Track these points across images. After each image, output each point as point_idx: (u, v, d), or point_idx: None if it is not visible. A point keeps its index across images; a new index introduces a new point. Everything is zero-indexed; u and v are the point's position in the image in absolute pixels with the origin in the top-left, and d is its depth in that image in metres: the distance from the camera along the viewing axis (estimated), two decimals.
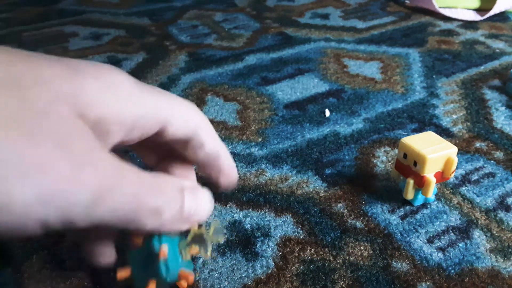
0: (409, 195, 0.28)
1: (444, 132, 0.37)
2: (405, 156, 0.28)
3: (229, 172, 0.23)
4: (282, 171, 0.33)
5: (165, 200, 0.18)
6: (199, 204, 0.20)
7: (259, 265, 0.26)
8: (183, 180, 0.20)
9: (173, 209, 0.18)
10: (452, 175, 0.28)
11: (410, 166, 0.27)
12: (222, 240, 0.21)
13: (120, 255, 0.21)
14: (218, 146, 0.23)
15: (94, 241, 0.21)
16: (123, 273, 0.19)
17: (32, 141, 0.14)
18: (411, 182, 0.28)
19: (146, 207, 0.17)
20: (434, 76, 0.47)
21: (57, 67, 0.16)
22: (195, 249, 0.20)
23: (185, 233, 0.20)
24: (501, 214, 0.29)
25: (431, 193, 0.27)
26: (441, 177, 0.27)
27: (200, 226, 0.21)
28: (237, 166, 0.33)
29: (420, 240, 0.27)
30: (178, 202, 0.19)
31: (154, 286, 0.19)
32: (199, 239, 0.20)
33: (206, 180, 0.23)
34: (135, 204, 0.16)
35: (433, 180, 0.27)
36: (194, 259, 0.26)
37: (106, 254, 0.21)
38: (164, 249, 0.19)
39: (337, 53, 0.52)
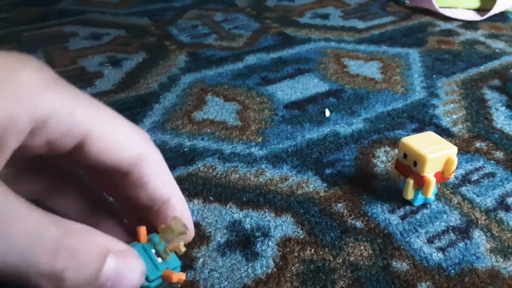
0: (409, 195, 0.28)
1: (444, 132, 0.37)
2: (405, 156, 0.28)
3: None
4: (282, 171, 0.33)
5: (73, 263, 0.14)
6: (125, 274, 0.15)
7: (259, 265, 0.26)
8: (113, 240, 0.15)
9: (84, 276, 0.14)
10: (452, 175, 0.28)
11: (410, 166, 0.27)
12: (186, 231, 0.18)
13: None
14: (169, 189, 0.18)
15: None
16: None
17: None
18: (411, 182, 0.28)
19: (38, 269, 0.13)
20: (434, 76, 0.47)
21: None
22: (173, 245, 0.18)
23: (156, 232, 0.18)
24: (501, 214, 0.29)
25: (431, 193, 0.27)
26: (441, 177, 0.27)
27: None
28: (237, 166, 0.33)
29: (420, 240, 0.27)
30: (93, 267, 0.14)
31: None
32: (168, 236, 0.18)
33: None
34: (22, 262, 0.13)
35: (433, 180, 0.27)
36: (187, 257, 0.26)
37: None
38: None
39: (337, 53, 0.52)
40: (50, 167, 0.19)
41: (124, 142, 0.16)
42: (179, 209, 0.18)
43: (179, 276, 0.18)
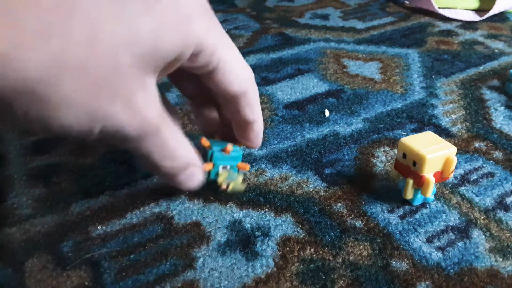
0: (409, 195, 0.28)
1: (443, 132, 0.37)
2: (404, 156, 0.28)
3: (256, 137, 0.27)
4: (282, 171, 0.33)
5: (168, 165, 0.23)
6: (190, 181, 0.25)
7: (259, 265, 0.26)
8: (194, 157, 0.25)
9: (169, 174, 0.24)
10: (451, 175, 0.28)
11: (409, 166, 0.28)
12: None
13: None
14: (255, 116, 0.25)
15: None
16: (207, 166, 0.27)
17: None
18: (410, 182, 0.28)
19: (150, 161, 0.22)
20: (433, 76, 0.47)
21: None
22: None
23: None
24: (500, 214, 0.29)
25: (430, 193, 0.27)
26: (440, 177, 0.28)
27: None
28: None
29: (419, 240, 0.27)
30: (176, 171, 0.24)
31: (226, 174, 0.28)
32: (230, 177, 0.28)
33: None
34: (145, 156, 0.22)
35: (432, 180, 0.27)
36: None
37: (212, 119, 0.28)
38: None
39: (337, 54, 0.53)
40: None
41: (238, 80, 0.22)
42: (256, 132, 0.27)
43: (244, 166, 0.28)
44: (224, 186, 0.27)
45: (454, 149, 0.27)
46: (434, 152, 0.26)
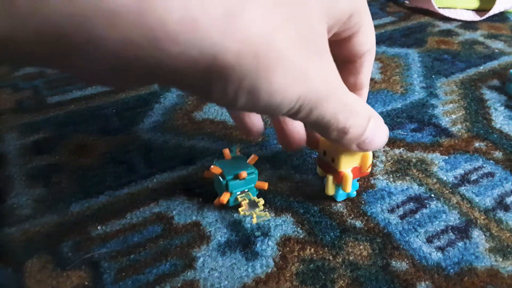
0: (330, 191, 0.29)
1: (443, 132, 0.37)
2: (324, 153, 0.28)
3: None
4: (282, 171, 0.33)
5: (354, 123, 0.20)
6: (377, 136, 0.22)
7: (259, 265, 0.26)
8: (371, 109, 0.22)
9: (356, 133, 0.21)
10: (369, 169, 0.28)
11: (329, 162, 0.28)
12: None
13: None
14: (367, 80, 0.24)
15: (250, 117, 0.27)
16: (225, 197, 0.28)
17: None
18: (330, 178, 0.28)
19: (337, 125, 0.19)
20: (433, 76, 0.47)
21: None
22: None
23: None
24: (500, 214, 0.29)
25: (349, 188, 0.28)
26: (359, 172, 0.28)
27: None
28: None
29: (419, 240, 0.27)
30: (363, 128, 0.21)
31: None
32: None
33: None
34: (332, 120, 0.19)
35: (350, 175, 0.27)
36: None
37: (259, 125, 0.27)
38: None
39: None
40: None
41: (366, 40, 0.22)
42: (364, 97, 0.26)
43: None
44: (248, 216, 0.28)
45: None
46: None
